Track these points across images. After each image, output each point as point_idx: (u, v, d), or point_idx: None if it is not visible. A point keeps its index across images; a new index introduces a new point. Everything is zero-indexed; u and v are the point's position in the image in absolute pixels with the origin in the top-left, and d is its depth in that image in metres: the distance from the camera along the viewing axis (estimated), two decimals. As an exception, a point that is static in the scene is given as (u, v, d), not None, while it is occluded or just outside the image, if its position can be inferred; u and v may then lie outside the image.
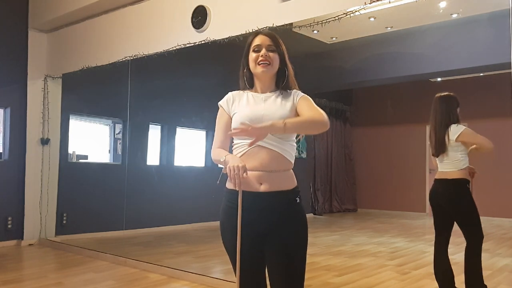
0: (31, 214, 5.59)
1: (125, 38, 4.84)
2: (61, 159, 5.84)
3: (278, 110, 1.80)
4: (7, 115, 5.60)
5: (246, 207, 1.74)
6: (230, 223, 1.78)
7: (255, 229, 1.77)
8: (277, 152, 1.76)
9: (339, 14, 3.34)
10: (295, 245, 1.77)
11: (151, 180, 6.90)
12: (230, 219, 1.78)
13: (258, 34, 1.88)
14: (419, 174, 9.74)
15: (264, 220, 1.76)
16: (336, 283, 3.93)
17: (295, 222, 1.79)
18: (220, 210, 1.86)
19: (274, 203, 1.76)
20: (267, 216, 1.76)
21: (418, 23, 6.31)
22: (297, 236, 1.78)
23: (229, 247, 1.82)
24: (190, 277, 3.98)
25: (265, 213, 1.76)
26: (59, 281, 3.91)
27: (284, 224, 1.76)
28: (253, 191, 1.75)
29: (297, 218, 1.79)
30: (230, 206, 1.80)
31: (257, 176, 1.75)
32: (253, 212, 1.75)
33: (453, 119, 3.30)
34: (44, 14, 5.48)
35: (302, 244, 1.79)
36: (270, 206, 1.76)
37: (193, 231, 6.83)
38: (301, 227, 1.80)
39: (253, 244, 1.78)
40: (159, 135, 7.21)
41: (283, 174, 1.78)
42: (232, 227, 1.76)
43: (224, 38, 3.96)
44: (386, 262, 4.80)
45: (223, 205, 1.85)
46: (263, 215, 1.76)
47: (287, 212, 1.78)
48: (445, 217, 3.34)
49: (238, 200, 1.73)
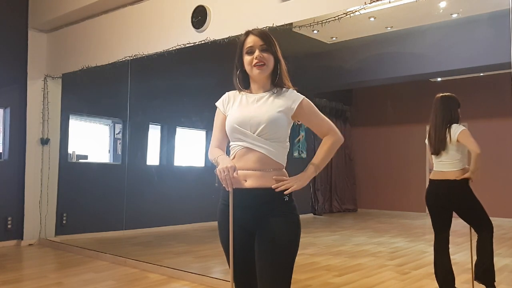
0: (31, 214, 5.59)
1: (125, 38, 4.84)
2: (61, 159, 5.84)
3: (268, 110, 1.80)
4: (7, 115, 5.59)
5: (235, 205, 1.76)
6: (224, 222, 1.81)
7: (243, 227, 1.79)
8: (263, 153, 1.77)
9: (339, 14, 3.34)
10: (278, 244, 1.73)
11: (151, 180, 6.90)
12: (222, 217, 1.83)
13: (249, 34, 1.86)
14: (419, 174, 9.74)
15: (250, 217, 1.78)
16: (336, 283, 3.93)
17: (280, 220, 1.75)
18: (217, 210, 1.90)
19: (258, 200, 1.77)
20: (252, 213, 1.77)
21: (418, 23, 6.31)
22: (282, 235, 1.74)
23: (223, 246, 1.86)
24: (190, 277, 3.98)
25: (251, 210, 1.77)
26: (59, 281, 3.91)
27: (268, 222, 1.75)
28: (240, 187, 1.77)
29: (283, 216, 1.76)
30: (224, 204, 1.83)
31: (243, 175, 1.77)
32: (240, 209, 1.77)
33: (454, 119, 3.30)
34: (44, 14, 5.47)
35: (287, 244, 1.75)
36: (254, 202, 1.77)
37: (193, 231, 6.83)
38: (287, 225, 1.76)
39: (243, 242, 1.79)
40: (159, 135, 7.21)
41: (269, 173, 1.78)
42: (225, 225, 1.80)
43: (224, 38, 3.96)
44: (386, 262, 4.80)
45: (219, 204, 1.89)
46: (249, 212, 1.77)
47: (271, 209, 1.76)
48: (445, 217, 3.34)
49: (229, 199, 1.76)
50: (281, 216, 1.76)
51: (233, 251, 1.76)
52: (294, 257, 1.77)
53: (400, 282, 3.97)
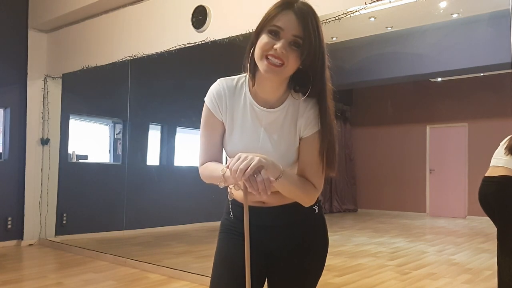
0: (31, 214, 5.59)
1: (125, 38, 4.84)
2: (61, 159, 5.84)
3: (286, 152, 1.31)
4: (7, 115, 5.59)
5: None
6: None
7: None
8: None
9: (339, 14, 3.33)
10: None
11: (151, 180, 6.90)
12: None
13: (289, 8, 1.22)
14: (419, 174, 9.75)
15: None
16: (336, 283, 3.92)
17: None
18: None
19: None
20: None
21: (418, 23, 6.32)
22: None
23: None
24: (190, 277, 3.98)
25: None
26: (59, 281, 3.91)
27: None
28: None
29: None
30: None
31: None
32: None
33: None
34: (44, 14, 5.47)
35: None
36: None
37: (193, 231, 6.83)
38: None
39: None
40: (159, 135, 7.21)
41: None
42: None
43: (224, 38, 3.96)
44: (386, 263, 4.79)
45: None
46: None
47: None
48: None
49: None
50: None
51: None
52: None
53: (400, 283, 3.97)
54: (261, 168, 1.14)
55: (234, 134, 1.33)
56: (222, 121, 1.35)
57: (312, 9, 1.24)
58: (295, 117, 1.31)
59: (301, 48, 1.20)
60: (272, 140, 1.30)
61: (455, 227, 7.70)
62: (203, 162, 1.36)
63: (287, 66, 1.21)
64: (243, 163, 1.13)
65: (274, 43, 1.20)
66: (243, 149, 1.26)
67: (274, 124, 1.31)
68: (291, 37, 1.20)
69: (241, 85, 1.35)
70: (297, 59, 1.21)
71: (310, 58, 1.22)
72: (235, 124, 1.33)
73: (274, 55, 1.20)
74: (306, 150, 1.30)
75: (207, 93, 1.38)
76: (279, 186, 1.22)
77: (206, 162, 1.35)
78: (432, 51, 6.76)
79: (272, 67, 1.21)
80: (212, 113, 1.34)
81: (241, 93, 1.34)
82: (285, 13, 1.21)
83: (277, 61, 1.20)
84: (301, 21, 1.20)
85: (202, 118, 1.37)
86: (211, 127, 1.35)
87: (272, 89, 1.30)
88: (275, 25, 1.21)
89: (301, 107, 1.31)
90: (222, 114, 1.34)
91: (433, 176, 9.59)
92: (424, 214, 9.51)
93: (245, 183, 1.16)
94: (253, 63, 1.27)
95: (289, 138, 1.31)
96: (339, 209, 10.10)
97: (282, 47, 1.19)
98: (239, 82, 1.36)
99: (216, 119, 1.35)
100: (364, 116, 10.63)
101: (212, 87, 1.38)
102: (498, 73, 6.81)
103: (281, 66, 1.21)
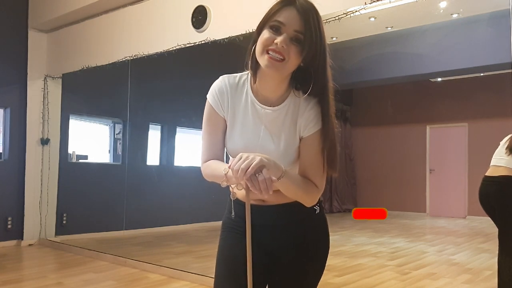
0: (31, 214, 5.59)
1: (125, 38, 4.84)
2: (61, 159, 5.84)
3: (287, 151, 1.31)
4: (7, 115, 5.59)
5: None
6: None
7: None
8: None
9: (339, 14, 3.33)
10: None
11: (151, 180, 6.90)
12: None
13: (292, 4, 1.22)
14: (419, 174, 9.75)
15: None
16: (336, 283, 3.92)
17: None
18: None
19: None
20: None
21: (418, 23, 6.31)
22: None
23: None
24: (190, 277, 3.98)
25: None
26: (59, 281, 3.91)
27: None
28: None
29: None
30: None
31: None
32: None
33: None
34: (44, 14, 5.47)
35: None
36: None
37: (193, 231, 6.83)
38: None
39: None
40: (159, 135, 7.21)
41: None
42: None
43: (224, 38, 3.96)
44: (386, 263, 4.79)
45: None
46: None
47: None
48: None
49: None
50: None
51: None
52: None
53: (400, 283, 3.97)
54: (262, 168, 1.14)
55: (234, 131, 1.34)
56: (224, 118, 1.35)
57: (314, 6, 1.25)
58: (295, 117, 1.31)
59: (302, 44, 1.20)
60: (272, 139, 1.31)
61: (455, 227, 7.71)
62: (206, 160, 1.36)
63: (288, 61, 1.21)
64: (245, 162, 1.13)
65: (275, 38, 1.20)
66: (243, 147, 1.29)
67: (274, 122, 1.31)
68: (292, 32, 1.20)
69: (243, 83, 1.35)
70: (298, 54, 1.21)
71: (311, 55, 1.22)
72: (236, 121, 1.34)
73: (275, 49, 1.20)
74: (307, 150, 1.30)
75: (209, 90, 1.38)
76: (281, 186, 1.22)
77: (209, 160, 1.35)
78: (432, 51, 6.76)
79: (273, 61, 1.21)
80: (214, 110, 1.35)
81: (243, 91, 1.34)
82: (287, 9, 1.22)
83: (278, 55, 1.20)
84: (302, 17, 1.20)
85: (205, 115, 1.37)
86: (213, 124, 1.36)
87: (274, 86, 1.30)
88: (276, 20, 1.21)
89: (301, 106, 1.31)
90: (224, 111, 1.34)
91: (433, 176, 9.59)
92: (424, 214, 9.51)
93: (246, 183, 1.16)
94: (255, 60, 1.27)
95: (289, 137, 1.31)
96: (339, 209, 10.10)
97: (283, 41, 1.19)
98: (241, 79, 1.36)
99: (218, 116, 1.35)
100: (364, 116, 10.63)
101: (214, 84, 1.38)
102: (498, 73, 6.81)
103: (282, 61, 1.21)
